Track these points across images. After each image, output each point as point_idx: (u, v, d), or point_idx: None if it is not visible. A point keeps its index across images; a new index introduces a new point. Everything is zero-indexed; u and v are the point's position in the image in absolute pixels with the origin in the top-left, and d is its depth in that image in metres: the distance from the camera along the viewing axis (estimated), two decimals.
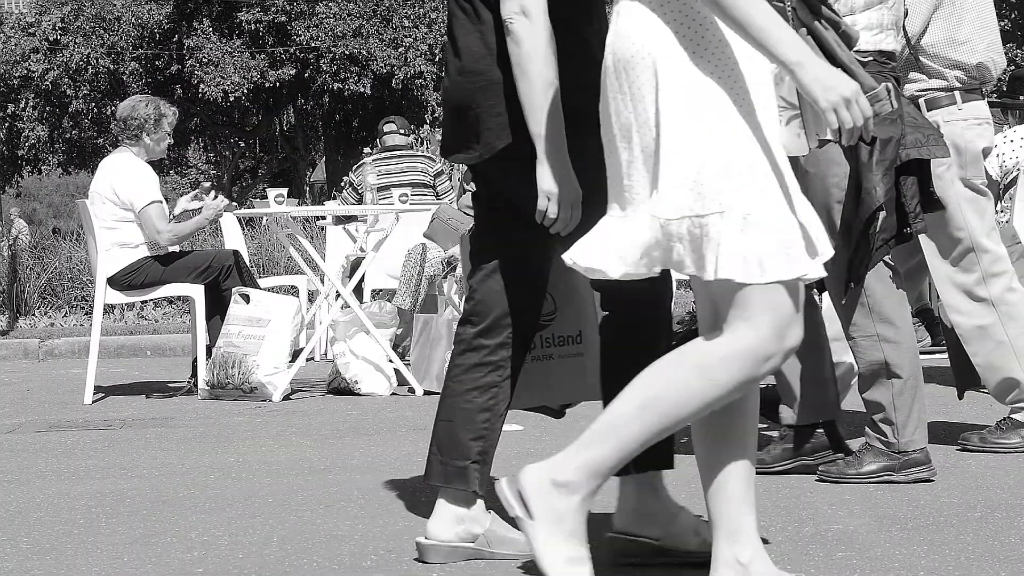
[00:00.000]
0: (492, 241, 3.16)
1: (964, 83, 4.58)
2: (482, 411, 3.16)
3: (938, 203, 4.15)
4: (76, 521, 3.80)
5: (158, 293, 7.09)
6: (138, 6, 28.54)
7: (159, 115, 7.17)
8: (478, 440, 3.15)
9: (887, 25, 4.11)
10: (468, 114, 3.08)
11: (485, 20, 3.08)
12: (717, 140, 2.52)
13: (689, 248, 2.53)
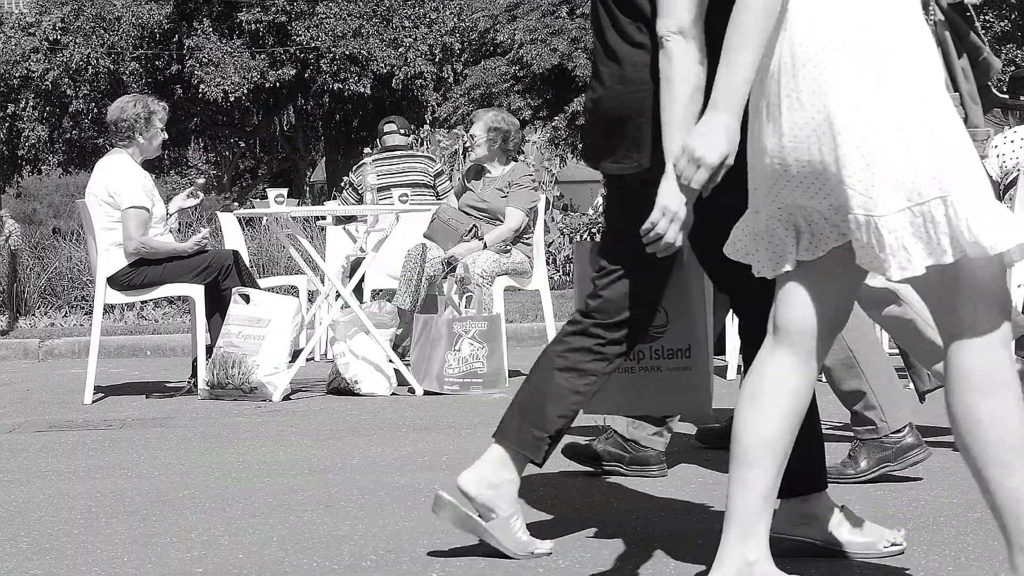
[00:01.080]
0: (627, 250, 3.10)
1: None
2: (575, 393, 3.15)
3: None
4: (76, 521, 3.80)
5: (158, 293, 7.09)
6: (138, 6, 28.55)
7: (148, 113, 7.16)
8: (561, 419, 3.16)
9: None
10: (628, 124, 3.05)
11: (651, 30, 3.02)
12: (926, 128, 2.47)
13: (913, 239, 2.46)
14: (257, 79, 28.22)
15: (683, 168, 2.66)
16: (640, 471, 4.26)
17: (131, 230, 6.94)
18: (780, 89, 2.55)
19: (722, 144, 2.62)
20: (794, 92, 2.54)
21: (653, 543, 3.33)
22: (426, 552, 3.30)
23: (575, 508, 3.80)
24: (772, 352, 2.65)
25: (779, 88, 2.55)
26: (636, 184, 3.07)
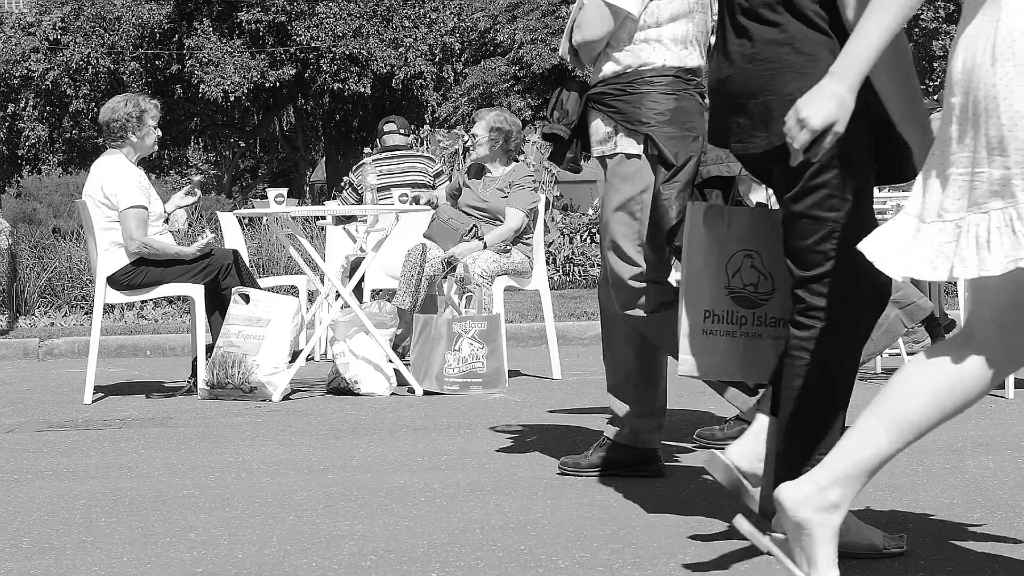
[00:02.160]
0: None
1: None
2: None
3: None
4: (76, 520, 3.80)
5: (158, 293, 7.09)
6: (138, 6, 28.56)
7: (140, 112, 7.15)
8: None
9: (691, 40, 4.18)
10: (755, 101, 3.05)
11: (788, 6, 3.03)
12: None
13: None
14: (257, 79, 28.22)
15: (790, 127, 2.68)
16: (640, 471, 4.26)
17: (132, 230, 6.94)
18: (995, 80, 2.47)
19: (828, 110, 2.64)
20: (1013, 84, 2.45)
21: (653, 543, 3.33)
22: (426, 552, 3.30)
23: (575, 508, 3.80)
24: (960, 348, 2.62)
25: (993, 79, 2.47)
26: (769, 161, 3.06)
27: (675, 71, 4.12)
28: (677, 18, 4.13)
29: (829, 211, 3.00)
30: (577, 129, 4.23)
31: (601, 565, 3.12)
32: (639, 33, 4.12)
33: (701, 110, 4.16)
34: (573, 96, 4.21)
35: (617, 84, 4.12)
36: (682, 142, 4.06)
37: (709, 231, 3.38)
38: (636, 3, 4.09)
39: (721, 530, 3.45)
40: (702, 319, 3.39)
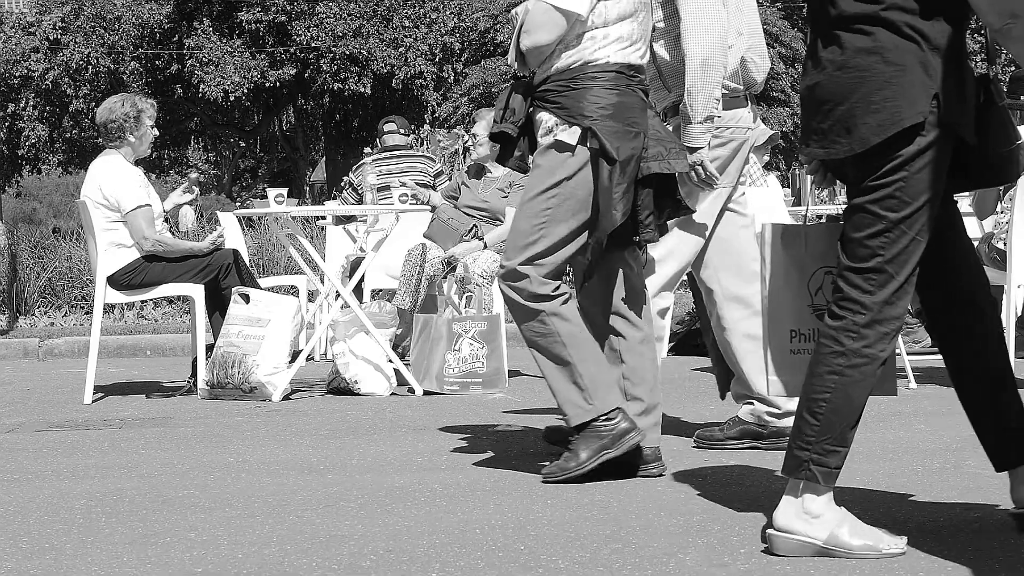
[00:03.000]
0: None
1: (728, 89, 4.63)
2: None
3: (686, 208, 4.30)
4: (76, 521, 3.80)
5: (158, 293, 7.09)
6: (138, 6, 28.55)
7: (137, 112, 7.15)
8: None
9: (636, 38, 4.22)
10: (840, 107, 3.08)
11: (881, 18, 3.06)
12: None
13: None
14: (257, 79, 28.20)
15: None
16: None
17: (143, 229, 6.95)
18: None
19: None
20: None
21: (653, 543, 3.33)
22: (426, 552, 3.30)
23: (575, 508, 3.80)
24: None
25: None
26: (851, 168, 3.10)
27: (618, 67, 4.16)
28: (624, 18, 4.18)
29: (887, 211, 3.04)
30: (525, 128, 4.27)
31: (601, 565, 3.12)
32: (586, 33, 4.16)
33: (644, 106, 4.21)
34: (519, 96, 4.25)
35: (561, 80, 4.17)
36: (624, 137, 4.12)
37: (787, 251, 3.41)
38: (585, 5, 4.12)
39: (721, 530, 3.45)
40: (788, 339, 3.40)
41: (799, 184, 8.73)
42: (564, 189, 4.13)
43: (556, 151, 4.16)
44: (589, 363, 4.16)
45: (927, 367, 7.24)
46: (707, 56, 4.41)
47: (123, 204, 6.96)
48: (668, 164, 4.14)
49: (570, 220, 4.15)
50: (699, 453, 4.72)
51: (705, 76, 4.42)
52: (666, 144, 4.16)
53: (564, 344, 4.14)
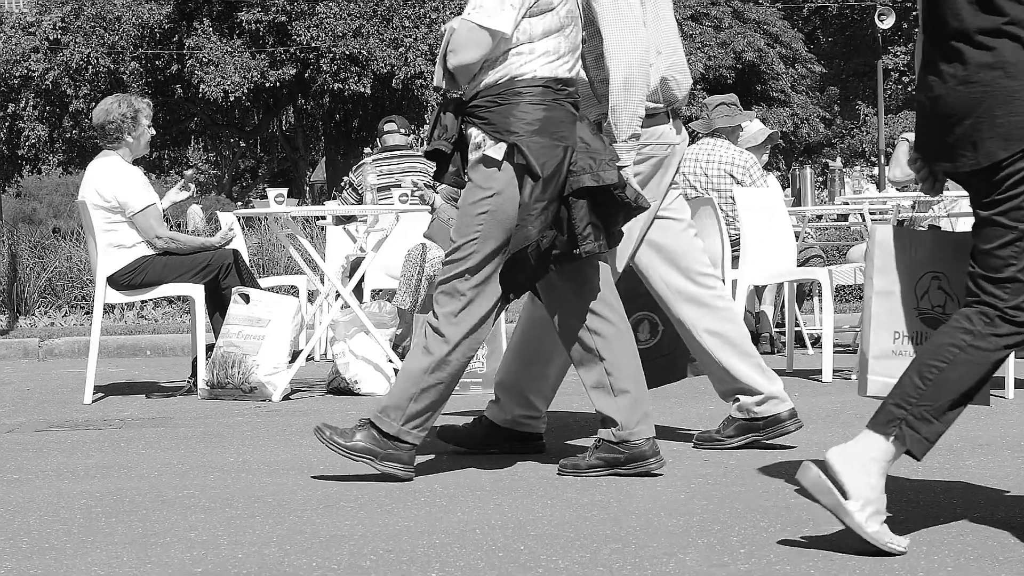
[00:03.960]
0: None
1: (647, 108, 4.62)
2: None
3: (638, 207, 4.32)
4: (76, 520, 3.80)
5: (158, 293, 7.09)
6: (138, 6, 28.55)
7: (134, 112, 7.14)
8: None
9: (563, 52, 4.24)
10: (964, 123, 3.13)
11: (1003, 30, 3.10)
12: None
13: None
14: (257, 79, 28.21)
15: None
16: (639, 467, 4.27)
17: (155, 228, 6.96)
18: None
19: None
20: None
21: (653, 543, 3.33)
22: (426, 552, 3.30)
23: (575, 508, 3.80)
24: None
25: None
26: (979, 182, 3.16)
27: (546, 81, 4.19)
28: (549, 33, 4.21)
29: (1017, 221, 3.10)
30: (459, 144, 4.30)
31: (601, 565, 3.13)
32: (512, 49, 4.19)
33: (573, 120, 4.24)
34: (450, 114, 4.29)
35: (488, 96, 4.20)
36: (551, 151, 4.15)
37: (899, 253, 3.44)
38: (509, 23, 4.15)
39: (721, 530, 3.45)
40: (892, 340, 3.43)
41: (799, 184, 8.73)
42: (494, 203, 4.17)
43: (484, 166, 4.20)
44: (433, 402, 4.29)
45: None
46: (629, 75, 4.46)
47: (131, 205, 6.96)
48: (598, 176, 4.17)
49: (500, 236, 4.19)
50: (699, 453, 4.72)
51: (628, 95, 4.46)
52: (596, 157, 4.19)
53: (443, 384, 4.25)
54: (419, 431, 4.26)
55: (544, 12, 4.18)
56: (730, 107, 8.60)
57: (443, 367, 4.21)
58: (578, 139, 4.19)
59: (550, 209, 4.11)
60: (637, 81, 4.46)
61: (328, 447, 4.27)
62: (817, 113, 28.67)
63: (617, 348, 4.30)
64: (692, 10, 26.59)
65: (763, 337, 8.69)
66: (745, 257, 7.25)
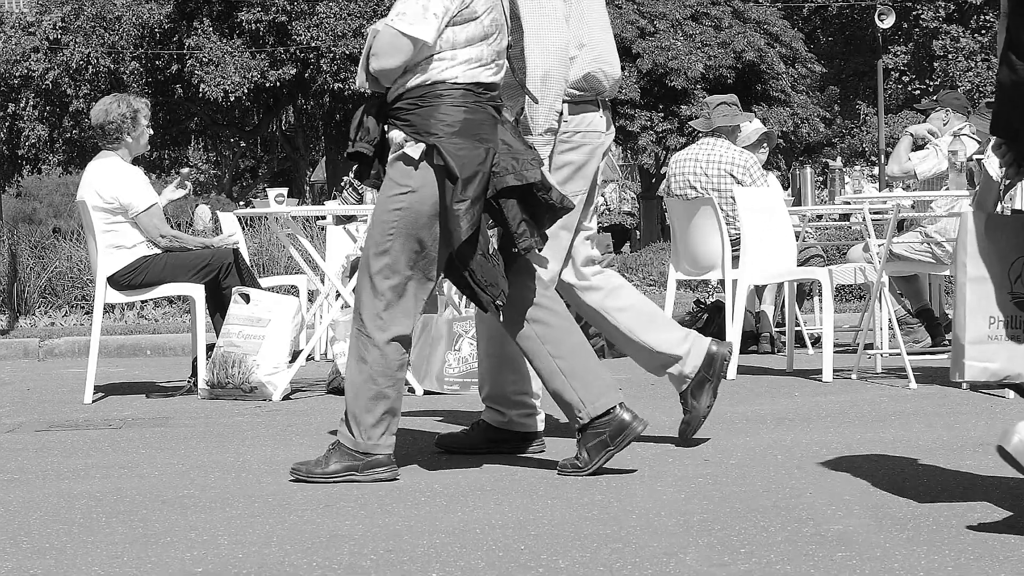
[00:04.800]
0: None
1: (573, 96, 4.71)
2: None
3: (563, 208, 4.35)
4: (76, 520, 3.80)
5: (158, 293, 7.09)
6: (138, 5, 28.55)
7: (133, 112, 7.14)
8: None
9: (486, 60, 4.29)
10: None
11: None
12: None
13: None
14: (257, 79, 28.21)
15: None
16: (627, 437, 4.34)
17: (158, 228, 6.97)
18: None
19: None
20: None
21: (653, 543, 3.33)
22: (426, 552, 3.30)
23: (575, 508, 3.80)
24: None
25: None
26: None
27: (467, 85, 4.24)
28: (472, 42, 4.26)
29: None
30: (380, 147, 4.34)
31: (601, 565, 3.13)
32: (435, 56, 4.24)
33: (494, 122, 4.28)
34: (372, 116, 4.33)
35: (411, 98, 4.24)
36: (471, 152, 4.19)
37: (991, 240, 3.46)
38: (431, 31, 4.19)
39: (721, 530, 3.45)
40: (987, 325, 3.45)
41: (799, 184, 8.73)
42: (408, 200, 4.21)
43: (402, 163, 4.24)
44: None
45: (927, 367, 7.24)
46: (547, 70, 4.53)
47: (135, 205, 6.96)
48: (522, 176, 4.21)
49: (415, 234, 4.22)
50: (700, 453, 4.72)
51: (545, 90, 4.54)
52: (518, 156, 4.23)
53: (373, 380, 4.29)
54: (386, 437, 4.30)
55: (468, 21, 4.24)
56: (730, 107, 8.60)
57: (383, 371, 4.26)
58: (500, 141, 4.24)
59: (475, 209, 4.15)
60: (554, 76, 4.55)
61: (309, 482, 4.29)
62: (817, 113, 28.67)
63: (561, 334, 4.35)
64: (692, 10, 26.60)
65: (763, 337, 8.69)
66: (745, 257, 7.25)
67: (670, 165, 8.69)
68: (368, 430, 4.27)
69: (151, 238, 7.00)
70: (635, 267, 14.87)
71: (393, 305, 4.25)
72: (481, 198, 4.17)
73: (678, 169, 8.51)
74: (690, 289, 12.48)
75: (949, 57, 31.64)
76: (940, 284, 9.33)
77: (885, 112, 30.16)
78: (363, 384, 4.26)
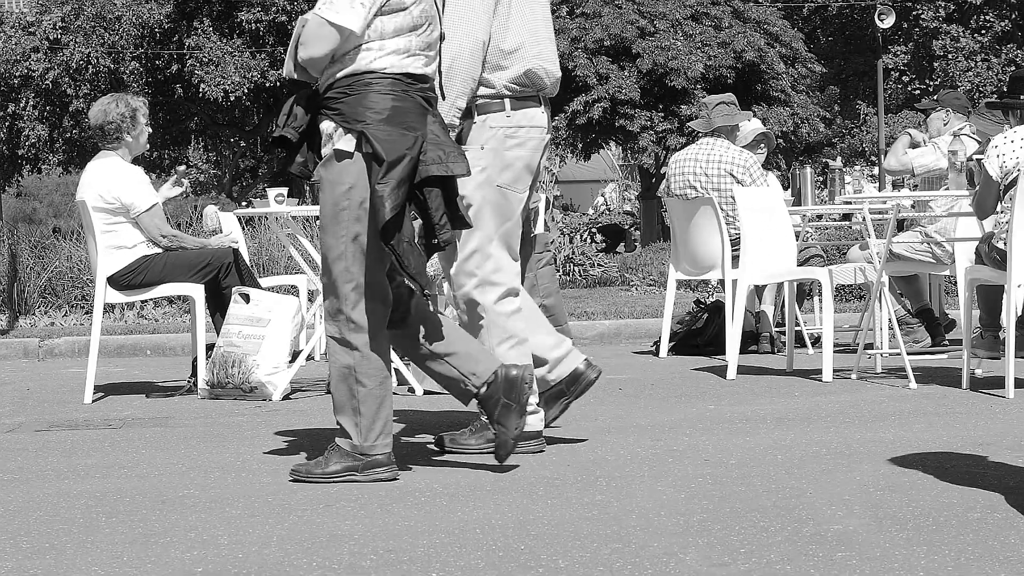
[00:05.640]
0: None
1: (514, 91, 4.75)
2: None
3: (465, 222, 4.40)
4: (76, 520, 3.80)
5: (157, 292, 7.08)
6: (138, 5, 28.54)
7: (132, 111, 7.14)
8: None
9: (415, 50, 4.31)
10: None
11: None
12: None
13: None
14: (257, 79, 28.20)
15: None
16: (518, 394, 4.41)
17: (160, 228, 6.97)
18: None
19: None
20: None
21: (653, 543, 3.33)
22: (426, 552, 3.30)
23: (575, 508, 3.80)
24: None
25: None
26: None
27: (396, 75, 4.27)
28: (401, 32, 4.28)
29: None
30: (310, 136, 4.35)
31: (601, 565, 3.13)
32: (363, 45, 4.26)
33: (423, 112, 4.30)
34: (300, 105, 4.35)
35: (340, 88, 4.28)
36: (399, 140, 4.21)
37: None
38: (358, 21, 4.22)
39: (721, 530, 3.45)
40: None
41: (799, 184, 8.73)
42: (350, 196, 4.24)
43: (336, 160, 4.27)
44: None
45: (927, 367, 7.24)
46: (451, 63, 4.58)
47: (137, 206, 6.95)
48: (447, 167, 4.25)
49: (363, 229, 4.25)
50: (699, 453, 4.72)
51: (449, 83, 4.59)
52: (445, 148, 4.26)
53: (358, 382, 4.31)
54: (383, 436, 4.31)
55: (396, 11, 4.26)
56: (729, 106, 8.60)
57: (367, 371, 4.27)
58: (429, 132, 4.27)
59: (400, 191, 4.16)
60: (459, 69, 4.62)
61: (309, 482, 4.29)
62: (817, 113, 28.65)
63: (432, 327, 4.41)
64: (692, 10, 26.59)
65: (763, 337, 8.69)
66: (745, 257, 7.25)
67: (669, 165, 8.69)
68: (364, 431, 4.28)
69: (152, 238, 7.00)
70: (635, 267, 14.87)
71: (360, 304, 4.26)
72: (406, 182, 4.19)
73: (678, 169, 8.51)
74: (690, 289, 12.48)
75: (949, 57, 31.62)
76: (940, 284, 9.33)
77: (885, 112, 30.15)
78: (351, 387, 4.28)
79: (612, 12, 25.06)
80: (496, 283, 4.76)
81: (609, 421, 5.58)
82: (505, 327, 4.75)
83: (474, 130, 4.74)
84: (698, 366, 7.87)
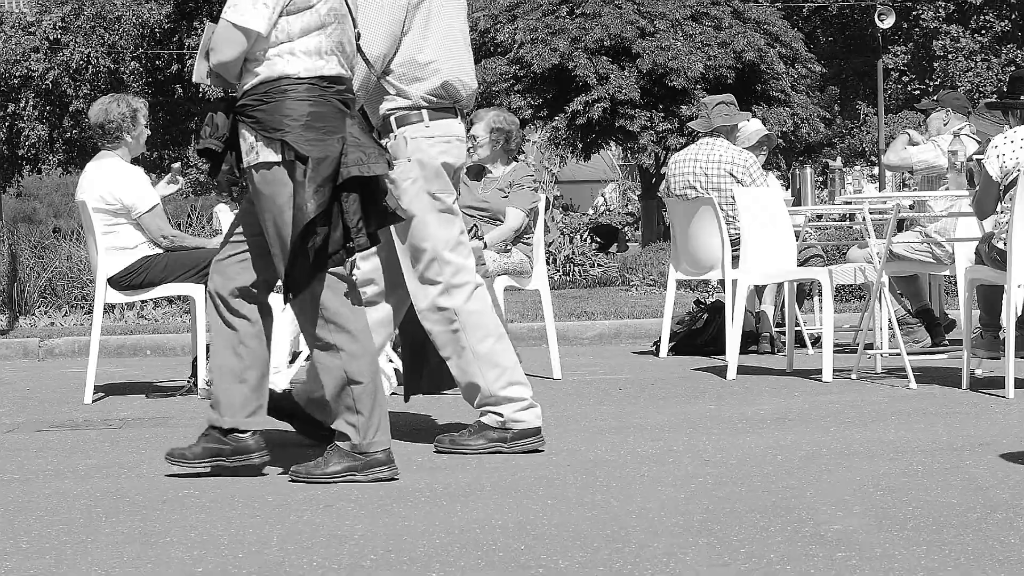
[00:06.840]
0: None
1: (432, 103, 4.78)
2: None
3: (395, 216, 4.40)
4: (76, 520, 3.80)
5: (157, 293, 7.08)
6: (139, 5, 28.57)
7: (133, 111, 7.13)
8: None
9: (326, 51, 4.31)
10: None
11: None
12: None
13: None
14: None
15: None
16: (244, 460, 4.40)
17: (162, 228, 6.97)
18: None
19: None
20: None
21: (653, 543, 3.33)
22: (426, 552, 3.30)
23: (575, 508, 3.80)
24: None
25: None
26: None
27: (311, 79, 4.26)
28: (309, 31, 4.28)
29: None
30: (233, 143, 4.35)
31: (601, 565, 3.13)
32: (272, 48, 4.26)
33: (342, 115, 4.30)
34: (221, 113, 4.36)
35: (255, 95, 4.27)
36: (322, 144, 4.21)
37: None
38: (263, 22, 4.22)
39: (721, 530, 3.45)
40: None
41: (799, 184, 8.73)
42: (288, 208, 4.23)
43: (266, 173, 4.26)
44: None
45: (927, 367, 7.24)
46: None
47: (138, 206, 6.95)
48: (368, 168, 4.24)
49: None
50: (699, 453, 4.72)
51: (368, 47, 4.62)
52: (366, 150, 4.26)
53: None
54: (381, 434, 4.32)
55: (302, 10, 4.25)
56: (728, 106, 8.60)
57: (356, 371, 4.28)
58: (348, 134, 4.26)
59: (324, 190, 4.16)
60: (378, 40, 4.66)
61: (309, 483, 4.30)
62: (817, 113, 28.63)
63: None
64: (692, 10, 26.57)
65: (763, 337, 8.69)
66: (745, 257, 7.25)
67: (669, 165, 8.69)
68: (363, 430, 4.28)
69: (154, 238, 7.00)
70: (635, 267, 14.87)
71: (332, 306, 4.27)
72: (329, 182, 4.18)
73: (678, 169, 8.51)
74: (690, 289, 12.47)
75: (949, 57, 31.64)
76: (940, 284, 9.32)
77: (885, 112, 30.15)
78: (343, 390, 4.29)
79: (612, 12, 25.03)
80: (460, 284, 4.80)
81: (609, 421, 5.58)
82: (480, 324, 4.77)
83: (398, 144, 4.75)
84: (698, 366, 7.87)
